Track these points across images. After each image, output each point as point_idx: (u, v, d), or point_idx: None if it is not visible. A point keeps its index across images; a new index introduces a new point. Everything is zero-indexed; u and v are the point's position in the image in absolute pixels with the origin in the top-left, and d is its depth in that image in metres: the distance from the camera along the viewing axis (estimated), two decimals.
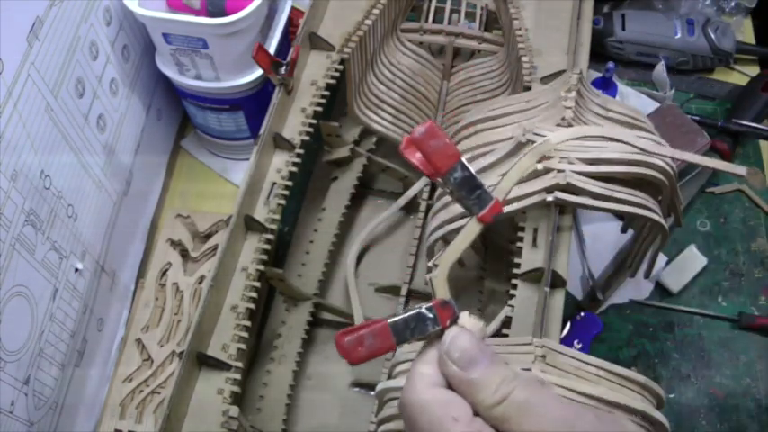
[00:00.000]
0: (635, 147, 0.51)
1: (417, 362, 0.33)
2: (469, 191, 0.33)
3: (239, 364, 0.51)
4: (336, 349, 0.32)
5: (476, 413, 0.31)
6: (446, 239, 0.59)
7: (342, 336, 0.32)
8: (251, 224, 0.57)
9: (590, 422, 0.30)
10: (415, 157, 0.32)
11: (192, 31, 0.69)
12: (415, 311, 0.32)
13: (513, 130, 0.55)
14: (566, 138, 0.48)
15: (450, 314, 0.33)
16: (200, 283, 0.74)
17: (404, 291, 0.71)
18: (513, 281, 0.52)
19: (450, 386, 0.32)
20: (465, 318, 0.33)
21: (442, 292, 0.34)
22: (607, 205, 0.51)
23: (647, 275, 0.66)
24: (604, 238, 0.79)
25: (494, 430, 0.30)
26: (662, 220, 0.52)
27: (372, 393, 0.67)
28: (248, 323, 0.53)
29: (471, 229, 0.33)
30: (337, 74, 0.66)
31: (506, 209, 0.52)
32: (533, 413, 0.30)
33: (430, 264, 0.33)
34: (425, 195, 0.75)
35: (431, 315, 0.32)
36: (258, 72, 0.74)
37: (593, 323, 0.72)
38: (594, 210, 0.52)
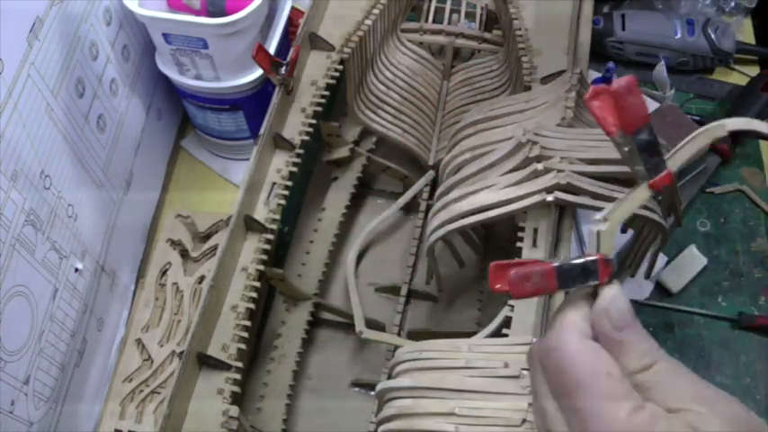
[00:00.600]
0: None
1: (568, 311, 0.32)
2: (649, 155, 0.32)
3: (239, 364, 0.51)
4: (492, 280, 0.31)
5: None
6: (446, 239, 0.59)
7: (503, 267, 0.31)
8: (251, 224, 0.57)
9: (732, 409, 0.29)
10: (599, 108, 0.31)
11: (192, 31, 0.69)
12: (581, 261, 0.32)
13: (513, 130, 0.55)
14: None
15: (610, 272, 0.32)
16: (200, 283, 0.74)
17: (404, 291, 0.71)
18: None
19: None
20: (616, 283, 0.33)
21: (608, 247, 0.33)
22: (607, 205, 0.51)
23: (647, 275, 0.66)
24: None
25: (638, 395, 0.29)
26: (662, 221, 0.52)
27: (372, 393, 0.67)
28: (248, 323, 0.53)
29: (641, 195, 0.33)
30: (337, 74, 0.66)
31: (506, 209, 0.52)
32: (676, 386, 0.30)
33: (598, 217, 0.33)
34: (425, 195, 0.75)
35: (593, 269, 0.32)
36: (258, 72, 0.74)
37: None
38: (594, 210, 0.52)
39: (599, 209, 0.51)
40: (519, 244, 0.53)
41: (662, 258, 0.78)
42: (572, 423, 0.30)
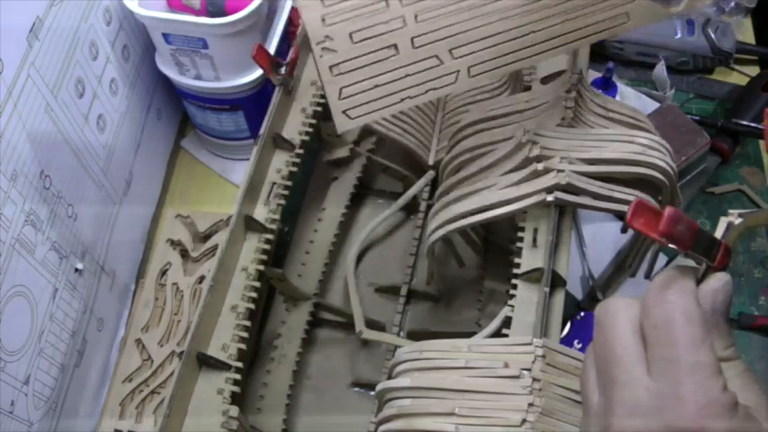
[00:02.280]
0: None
1: (681, 278, 0.32)
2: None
3: (239, 364, 0.51)
4: (633, 215, 0.31)
5: None
6: (446, 239, 0.59)
7: (650, 209, 0.31)
8: (251, 224, 0.57)
9: None
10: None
11: (192, 31, 0.69)
12: (718, 239, 0.33)
13: (513, 130, 0.55)
14: None
15: (726, 263, 0.33)
16: (200, 283, 0.74)
17: (404, 291, 0.71)
18: (513, 281, 0.52)
19: None
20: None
21: (734, 240, 0.34)
22: (607, 205, 0.51)
23: (647, 275, 0.66)
24: (604, 238, 0.79)
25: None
26: None
27: (372, 393, 0.67)
28: (248, 323, 0.53)
29: None
30: None
31: (506, 209, 0.52)
32: (746, 388, 0.31)
33: (736, 212, 0.34)
34: (425, 195, 0.75)
35: (716, 251, 0.33)
36: (258, 72, 0.74)
37: (593, 323, 0.72)
38: (594, 210, 0.52)
39: (599, 209, 0.51)
40: (519, 244, 0.53)
41: (662, 258, 0.78)
42: (661, 376, 0.30)
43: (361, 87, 0.48)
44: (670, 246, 0.31)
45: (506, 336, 0.49)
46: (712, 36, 0.91)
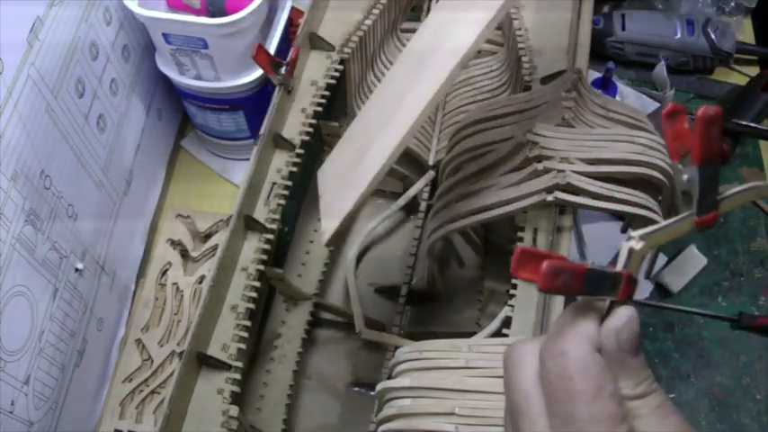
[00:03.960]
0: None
1: (580, 320, 0.31)
2: (708, 191, 0.31)
3: (239, 364, 0.51)
4: (517, 266, 0.30)
5: None
6: (446, 239, 0.59)
7: (531, 256, 0.30)
8: (251, 224, 0.57)
9: None
10: (674, 127, 0.30)
11: (192, 31, 0.69)
12: (612, 272, 0.31)
13: (513, 130, 0.55)
14: None
15: (630, 293, 0.31)
16: (200, 283, 0.74)
17: (404, 291, 0.71)
18: (513, 281, 0.52)
19: None
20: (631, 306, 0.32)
21: (636, 268, 0.32)
22: (607, 205, 0.51)
23: (647, 275, 0.66)
24: (604, 238, 0.79)
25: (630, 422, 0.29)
26: (662, 220, 0.52)
27: (372, 393, 0.67)
28: (248, 323, 0.53)
29: (684, 227, 0.32)
30: (337, 74, 0.66)
31: (506, 209, 0.52)
32: (663, 422, 0.30)
33: (635, 234, 0.32)
34: (425, 195, 0.75)
35: (618, 283, 0.31)
36: (258, 72, 0.74)
37: None
38: (594, 210, 0.52)
39: (599, 209, 0.51)
40: (519, 244, 0.53)
41: (662, 258, 0.78)
42: (564, 428, 0.29)
43: None
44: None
45: (506, 336, 0.49)
46: (712, 36, 0.91)
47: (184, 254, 0.76)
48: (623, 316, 0.30)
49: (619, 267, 0.31)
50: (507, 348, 0.33)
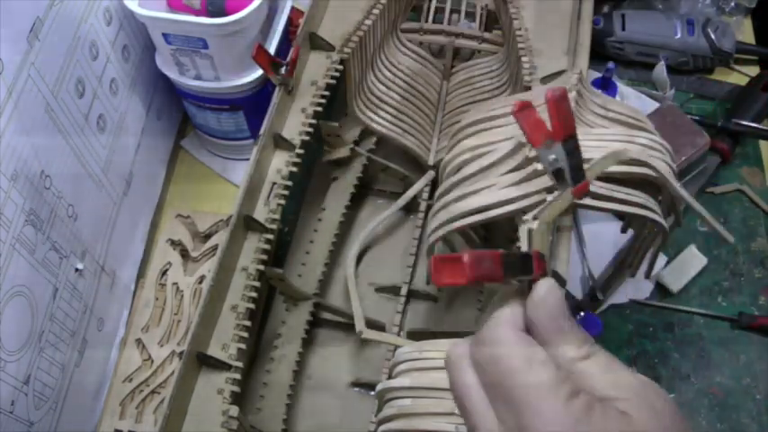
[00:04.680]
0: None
1: (501, 310, 0.32)
2: (575, 162, 0.34)
3: (239, 364, 0.51)
4: (436, 274, 0.31)
5: None
6: (446, 239, 0.59)
7: (445, 261, 0.31)
8: (251, 224, 0.57)
9: (661, 401, 0.30)
10: (528, 119, 0.32)
11: (192, 31, 0.69)
12: (522, 252, 0.33)
13: (513, 130, 0.55)
14: None
15: (544, 268, 0.33)
16: (200, 283, 0.74)
17: (404, 291, 0.71)
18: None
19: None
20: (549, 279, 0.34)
21: (541, 245, 0.35)
22: (607, 205, 0.51)
23: (647, 275, 0.66)
24: (604, 238, 0.79)
25: (572, 383, 0.29)
26: (662, 220, 0.52)
27: (372, 393, 0.67)
28: (248, 323, 0.53)
29: (566, 199, 0.35)
30: (337, 74, 0.66)
31: (506, 209, 0.52)
32: (612, 377, 0.30)
33: (528, 217, 0.34)
34: (425, 195, 0.75)
35: (530, 263, 0.32)
36: (258, 72, 0.74)
37: (592, 323, 0.72)
38: (594, 210, 0.52)
39: (599, 209, 0.51)
40: (519, 244, 0.53)
41: (662, 258, 0.78)
42: (505, 416, 0.29)
43: None
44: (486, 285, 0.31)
45: None
46: (712, 36, 0.91)
47: (184, 254, 0.76)
48: (542, 287, 0.32)
49: (524, 248, 0.34)
50: (447, 350, 0.34)
